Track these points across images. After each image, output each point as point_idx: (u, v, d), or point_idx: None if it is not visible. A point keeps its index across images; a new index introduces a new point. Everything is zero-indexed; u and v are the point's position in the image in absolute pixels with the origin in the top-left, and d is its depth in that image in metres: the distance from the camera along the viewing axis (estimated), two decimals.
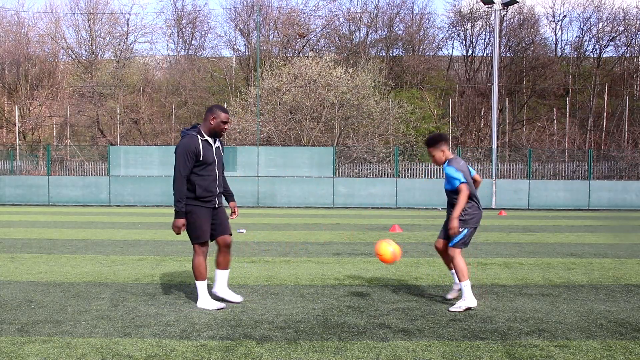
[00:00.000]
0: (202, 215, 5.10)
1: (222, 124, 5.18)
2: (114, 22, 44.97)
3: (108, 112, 39.51)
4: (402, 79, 44.29)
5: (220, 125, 5.18)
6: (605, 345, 4.09)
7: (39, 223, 14.74)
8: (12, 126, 38.96)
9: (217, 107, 5.23)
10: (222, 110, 5.20)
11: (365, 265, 7.85)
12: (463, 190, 5.06)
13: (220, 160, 5.32)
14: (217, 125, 5.16)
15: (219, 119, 5.17)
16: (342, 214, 19.83)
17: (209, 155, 5.15)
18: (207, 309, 5.10)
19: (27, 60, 41.23)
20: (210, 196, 5.14)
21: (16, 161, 31.28)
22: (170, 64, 47.50)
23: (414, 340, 4.17)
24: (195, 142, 5.07)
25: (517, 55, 43.81)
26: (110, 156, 24.84)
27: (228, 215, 5.49)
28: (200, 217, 5.09)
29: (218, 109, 5.19)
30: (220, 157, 5.32)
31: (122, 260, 8.16)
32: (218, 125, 5.16)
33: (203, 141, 5.13)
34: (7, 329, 4.42)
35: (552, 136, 38.45)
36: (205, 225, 5.10)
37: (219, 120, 5.16)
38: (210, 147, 5.18)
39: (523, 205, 24.52)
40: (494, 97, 27.44)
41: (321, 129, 32.18)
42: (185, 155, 5.01)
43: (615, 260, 8.50)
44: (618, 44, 44.57)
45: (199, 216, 5.08)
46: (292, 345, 4.04)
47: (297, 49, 42.47)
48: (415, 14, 48.01)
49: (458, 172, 5.09)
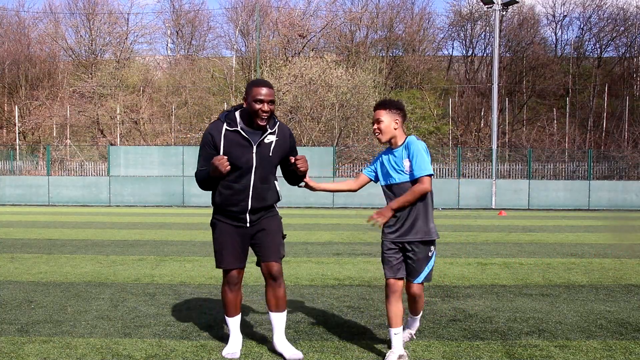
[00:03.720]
0: (224, 234, 3.75)
1: (255, 103, 3.56)
2: (114, 22, 44.99)
3: (108, 112, 39.50)
4: (402, 79, 44.31)
5: (254, 106, 3.56)
6: (605, 345, 4.09)
7: (39, 223, 14.73)
8: (12, 126, 38.97)
9: (253, 82, 3.69)
10: (256, 85, 3.61)
11: (365, 265, 7.85)
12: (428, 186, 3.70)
13: (267, 163, 3.69)
14: (251, 106, 3.59)
15: (250, 97, 3.58)
16: (342, 214, 19.83)
17: (239, 153, 3.61)
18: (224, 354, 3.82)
19: (27, 60, 41.24)
20: (234, 212, 3.70)
21: (16, 161, 31.28)
22: (170, 64, 47.50)
23: (414, 340, 4.17)
24: (215, 130, 3.65)
25: (517, 55, 43.82)
26: (110, 156, 24.83)
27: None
28: (221, 235, 3.77)
29: (252, 84, 3.65)
30: (268, 159, 3.68)
31: (122, 260, 8.15)
32: (251, 106, 3.58)
33: (231, 132, 3.63)
34: (7, 329, 4.42)
35: (552, 136, 38.46)
36: (227, 249, 3.74)
37: (251, 99, 3.57)
38: (245, 142, 3.62)
39: (523, 206, 24.52)
40: (494, 97, 27.44)
41: (321, 129, 32.19)
42: (200, 151, 3.74)
43: (615, 260, 8.50)
44: (618, 44, 44.62)
45: (221, 234, 3.77)
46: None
47: (297, 49, 42.46)
48: (415, 14, 48.06)
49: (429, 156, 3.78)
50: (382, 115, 3.84)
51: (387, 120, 3.83)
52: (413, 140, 3.80)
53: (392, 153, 3.88)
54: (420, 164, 3.68)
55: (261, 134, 3.66)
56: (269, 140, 3.68)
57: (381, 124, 3.83)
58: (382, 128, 3.84)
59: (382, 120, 3.83)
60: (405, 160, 3.78)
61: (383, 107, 3.87)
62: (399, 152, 3.83)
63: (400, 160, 3.81)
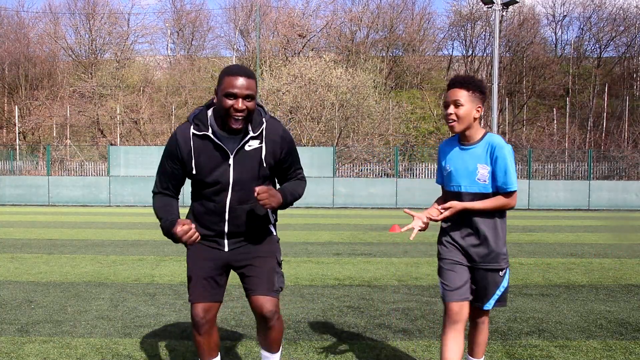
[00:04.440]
0: (197, 256, 2.89)
1: (226, 99, 2.57)
2: (114, 22, 45.01)
3: (108, 112, 39.52)
4: (402, 79, 44.35)
5: (224, 103, 2.57)
6: (605, 345, 4.09)
7: (39, 223, 14.73)
8: (12, 126, 38.97)
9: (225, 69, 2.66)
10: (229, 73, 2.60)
11: (365, 265, 7.85)
12: (515, 203, 2.89)
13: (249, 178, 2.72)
14: (221, 102, 2.60)
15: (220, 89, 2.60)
16: (342, 214, 19.82)
17: (211, 166, 2.69)
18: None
19: (27, 60, 41.25)
20: (209, 235, 2.83)
21: (16, 161, 31.28)
22: (171, 64, 47.54)
23: (414, 340, 4.17)
24: (182, 136, 2.70)
25: (517, 55, 43.83)
26: (110, 156, 24.83)
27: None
28: (191, 259, 2.92)
29: (225, 72, 2.63)
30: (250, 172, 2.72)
31: (122, 260, 8.15)
32: (221, 102, 2.59)
33: (200, 138, 2.68)
34: (7, 329, 4.42)
35: (552, 136, 38.47)
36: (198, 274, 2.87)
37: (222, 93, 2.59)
38: (217, 151, 2.68)
39: (523, 205, 24.51)
40: (494, 97, 27.45)
41: (321, 129, 32.20)
42: (161, 162, 2.81)
43: (615, 260, 8.50)
44: (618, 43, 44.63)
45: (191, 257, 2.92)
46: (292, 346, 4.03)
47: (297, 49, 42.47)
48: (416, 14, 48.08)
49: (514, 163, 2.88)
50: (463, 98, 2.86)
51: (469, 106, 2.86)
52: (500, 142, 2.86)
53: (465, 149, 2.93)
54: (511, 175, 2.83)
55: (241, 139, 2.68)
56: (252, 146, 2.70)
57: (460, 108, 2.86)
58: (460, 115, 2.86)
59: (462, 103, 2.86)
60: (483, 165, 2.87)
61: (465, 87, 2.88)
62: (477, 152, 2.90)
63: (475, 161, 2.89)
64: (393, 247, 10.01)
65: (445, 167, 3.01)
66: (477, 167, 2.87)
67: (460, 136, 2.97)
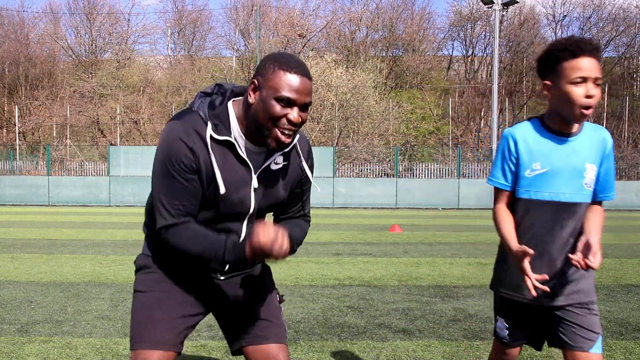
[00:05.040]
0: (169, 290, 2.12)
1: (277, 104, 1.76)
2: (114, 22, 45.03)
3: (108, 112, 39.52)
4: (402, 79, 44.36)
5: (273, 110, 1.77)
6: (605, 345, 4.08)
7: (39, 223, 14.73)
8: (12, 126, 38.98)
9: (278, 59, 1.80)
10: (286, 67, 1.77)
11: (365, 265, 7.85)
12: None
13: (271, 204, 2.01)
14: (267, 107, 1.77)
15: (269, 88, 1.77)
16: (342, 214, 19.83)
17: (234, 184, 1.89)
18: None
19: (27, 60, 41.26)
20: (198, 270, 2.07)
21: (16, 161, 31.28)
22: (171, 64, 47.54)
23: (414, 340, 4.17)
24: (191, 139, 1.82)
25: (517, 55, 43.85)
26: (110, 156, 24.83)
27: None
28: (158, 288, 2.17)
29: (278, 64, 1.78)
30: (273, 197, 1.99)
31: (122, 260, 8.15)
32: (268, 108, 1.77)
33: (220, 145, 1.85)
34: (7, 329, 4.42)
35: None
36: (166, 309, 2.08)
37: (272, 94, 1.76)
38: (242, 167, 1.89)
39: None
40: (494, 97, 27.44)
41: (321, 129, 32.21)
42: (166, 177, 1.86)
43: (615, 260, 8.49)
44: (618, 44, 44.64)
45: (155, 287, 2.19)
46: (292, 346, 4.03)
47: (297, 49, 42.47)
48: (416, 14, 48.10)
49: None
50: (599, 72, 1.97)
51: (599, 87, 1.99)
52: (608, 134, 2.14)
53: (566, 141, 2.07)
54: (613, 179, 2.14)
55: (266, 155, 1.93)
56: (278, 165, 1.96)
57: (599, 89, 1.97)
58: (598, 98, 1.97)
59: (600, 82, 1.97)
60: (592, 165, 2.08)
61: (599, 57, 1.99)
62: (584, 146, 2.08)
63: (583, 160, 2.08)
64: (393, 247, 10.01)
65: (532, 166, 2.08)
66: (586, 168, 2.07)
67: (550, 122, 2.09)
